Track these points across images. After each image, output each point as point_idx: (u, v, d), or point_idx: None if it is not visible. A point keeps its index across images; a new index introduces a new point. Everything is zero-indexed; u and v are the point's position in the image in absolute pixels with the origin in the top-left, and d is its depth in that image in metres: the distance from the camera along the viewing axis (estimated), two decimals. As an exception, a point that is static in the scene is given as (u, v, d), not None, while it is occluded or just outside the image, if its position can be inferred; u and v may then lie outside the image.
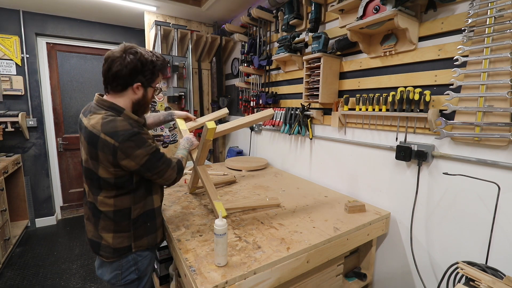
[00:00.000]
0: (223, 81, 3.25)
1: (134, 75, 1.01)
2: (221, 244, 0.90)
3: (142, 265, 1.14)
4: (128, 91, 1.04)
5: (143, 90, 1.07)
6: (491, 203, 1.07)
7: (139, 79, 1.03)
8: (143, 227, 1.11)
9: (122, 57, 0.98)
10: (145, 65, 1.03)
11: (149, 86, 1.08)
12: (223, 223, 0.90)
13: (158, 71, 1.09)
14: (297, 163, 2.18)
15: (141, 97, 1.07)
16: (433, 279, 1.30)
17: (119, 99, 1.04)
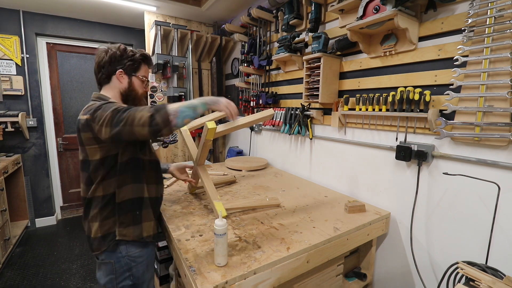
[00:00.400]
0: (223, 81, 3.25)
1: (114, 62, 1.10)
2: (221, 244, 0.90)
3: (137, 271, 1.12)
4: (113, 80, 1.12)
5: (127, 78, 1.14)
6: (491, 203, 1.07)
7: (120, 65, 1.11)
8: (129, 215, 1.09)
9: (105, 51, 1.11)
10: (123, 54, 1.12)
11: (133, 75, 1.15)
12: (223, 223, 0.90)
13: (140, 60, 1.15)
14: (297, 163, 2.18)
15: (127, 86, 1.14)
16: (433, 279, 1.30)
17: (108, 90, 1.13)
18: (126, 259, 1.09)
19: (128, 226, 1.10)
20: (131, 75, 1.15)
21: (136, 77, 1.16)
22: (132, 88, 1.16)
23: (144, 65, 1.18)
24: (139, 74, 1.17)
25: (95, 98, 1.10)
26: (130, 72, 1.14)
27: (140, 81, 1.17)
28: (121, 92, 1.14)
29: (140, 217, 1.13)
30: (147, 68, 1.20)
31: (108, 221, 1.08)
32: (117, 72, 1.11)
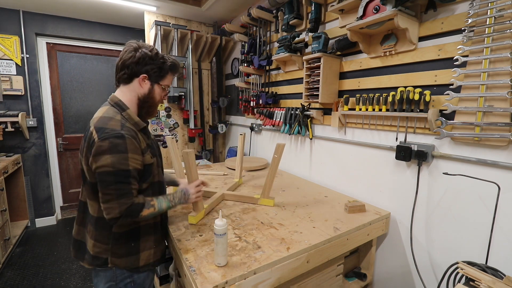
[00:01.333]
0: (223, 81, 3.25)
1: (141, 64, 1.00)
2: (221, 244, 0.90)
3: (138, 278, 1.06)
4: (134, 82, 1.03)
5: (149, 84, 1.04)
6: (491, 203, 1.07)
7: (145, 69, 1.02)
8: (124, 246, 1.00)
9: (135, 48, 1.00)
10: (155, 59, 1.02)
11: (156, 82, 1.06)
12: (223, 223, 0.90)
13: (168, 69, 1.07)
14: (297, 163, 2.18)
15: (147, 93, 1.04)
16: (433, 279, 1.30)
17: (126, 92, 1.03)
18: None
19: (121, 257, 1.01)
20: (155, 83, 1.06)
21: (159, 85, 1.07)
22: (152, 96, 1.06)
23: (171, 74, 1.10)
24: (162, 82, 1.08)
25: (113, 103, 1.01)
26: (154, 79, 1.05)
27: (161, 89, 1.09)
28: (138, 97, 1.04)
29: (137, 247, 1.03)
30: (172, 77, 1.12)
31: (101, 246, 0.99)
32: (140, 76, 1.02)
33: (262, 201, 1.45)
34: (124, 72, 1.01)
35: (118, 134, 0.90)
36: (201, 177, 1.28)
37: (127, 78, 1.02)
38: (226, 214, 1.36)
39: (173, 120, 3.05)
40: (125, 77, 1.02)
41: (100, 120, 0.94)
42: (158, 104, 1.12)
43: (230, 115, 3.32)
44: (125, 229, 1.00)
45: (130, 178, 0.92)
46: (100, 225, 0.98)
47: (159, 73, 1.05)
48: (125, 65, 1.00)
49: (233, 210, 1.42)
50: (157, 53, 1.04)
